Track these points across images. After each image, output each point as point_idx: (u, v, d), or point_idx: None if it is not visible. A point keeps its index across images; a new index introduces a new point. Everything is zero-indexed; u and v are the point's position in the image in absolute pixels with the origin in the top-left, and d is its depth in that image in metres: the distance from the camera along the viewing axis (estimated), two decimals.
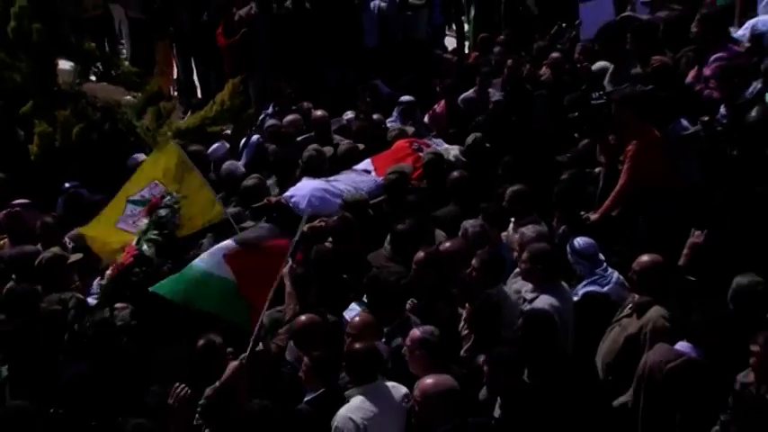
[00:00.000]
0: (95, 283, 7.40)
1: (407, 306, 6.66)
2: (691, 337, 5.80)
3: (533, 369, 5.87)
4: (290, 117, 10.28)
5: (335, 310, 6.75)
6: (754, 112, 7.78)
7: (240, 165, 9.54)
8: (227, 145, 10.05)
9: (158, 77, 12.63)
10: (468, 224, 7.31)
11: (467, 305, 6.59)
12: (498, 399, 5.67)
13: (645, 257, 6.35)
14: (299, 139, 9.93)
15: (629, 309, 6.34)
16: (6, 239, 7.90)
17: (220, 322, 6.39)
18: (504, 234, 7.54)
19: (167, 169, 7.59)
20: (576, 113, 8.44)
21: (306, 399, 5.79)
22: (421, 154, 8.94)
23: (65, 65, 10.54)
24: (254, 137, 10.31)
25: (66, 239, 7.99)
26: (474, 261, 6.62)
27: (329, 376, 5.86)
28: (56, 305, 6.73)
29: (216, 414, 5.68)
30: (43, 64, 9.92)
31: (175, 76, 14.20)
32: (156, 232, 7.21)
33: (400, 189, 8.27)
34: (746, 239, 7.19)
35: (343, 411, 5.54)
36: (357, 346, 5.76)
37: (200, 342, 6.16)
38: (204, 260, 6.42)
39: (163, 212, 7.35)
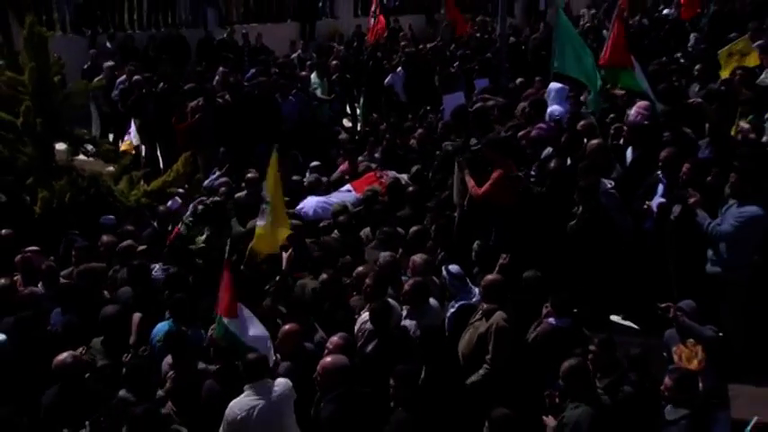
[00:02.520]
0: None
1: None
2: (556, 312, 6.25)
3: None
4: (221, 180, 10.64)
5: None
6: (553, 163, 8.39)
7: None
8: (179, 200, 10.17)
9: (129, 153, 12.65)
10: (382, 255, 7.36)
11: (362, 310, 6.67)
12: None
13: (489, 277, 6.57)
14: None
15: (480, 314, 6.42)
16: (19, 277, 7.79)
17: None
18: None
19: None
20: (462, 157, 8.44)
21: None
22: (383, 179, 9.64)
23: (61, 146, 10.55)
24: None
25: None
26: (368, 279, 6.75)
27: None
28: None
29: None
30: (44, 148, 9.97)
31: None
32: (190, 218, 8.13)
33: (374, 201, 8.99)
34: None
35: (231, 404, 5.52)
36: (249, 356, 5.69)
37: None
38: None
39: (200, 207, 8.27)
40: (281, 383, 5.65)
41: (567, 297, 6.35)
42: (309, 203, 9.29)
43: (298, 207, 9.24)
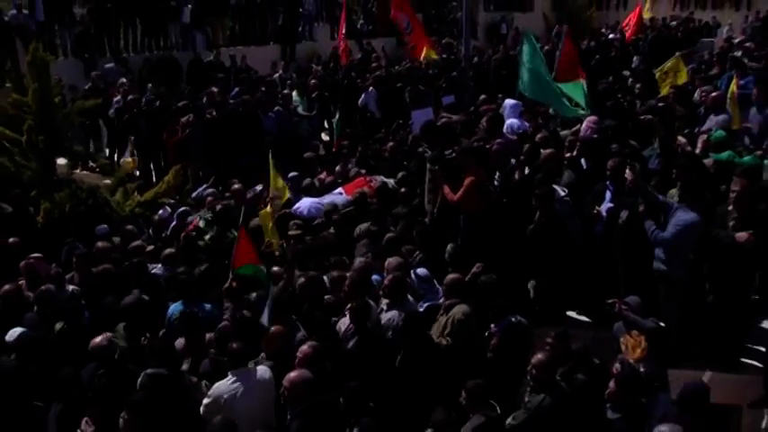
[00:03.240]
0: None
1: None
2: (493, 319, 6.19)
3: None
4: (209, 190, 10.56)
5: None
6: (516, 175, 8.46)
7: None
8: (169, 209, 10.20)
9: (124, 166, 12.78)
10: (357, 260, 7.35)
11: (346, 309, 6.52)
12: None
13: (450, 276, 6.58)
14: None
15: (442, 310, 6.44)
16: (24, 281, 7.79)
17: None
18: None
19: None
20: (437, 165, 8.41)
21: None
22: (372, 183, 9.67)
23: (61, 161, 10.59)
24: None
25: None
26: (346, 282, 6.76)
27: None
28: None
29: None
30: (46, 163, 10.01)
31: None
32: (210, 214, 8.49)
33: (363, 202, 8.99)
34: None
35: (216, 384, 5.54)
36: (233, 345, 5.68)
37: None
38: None
39: (218, 206, 8.61)
40: (262, 370, 5.67)
41: (501, 302, 6.33)
42: (304, 204, 9.43)
43: (293, 207, 9.37)
